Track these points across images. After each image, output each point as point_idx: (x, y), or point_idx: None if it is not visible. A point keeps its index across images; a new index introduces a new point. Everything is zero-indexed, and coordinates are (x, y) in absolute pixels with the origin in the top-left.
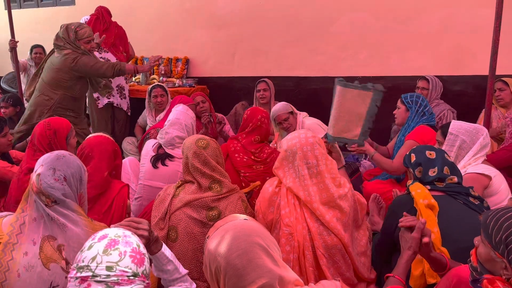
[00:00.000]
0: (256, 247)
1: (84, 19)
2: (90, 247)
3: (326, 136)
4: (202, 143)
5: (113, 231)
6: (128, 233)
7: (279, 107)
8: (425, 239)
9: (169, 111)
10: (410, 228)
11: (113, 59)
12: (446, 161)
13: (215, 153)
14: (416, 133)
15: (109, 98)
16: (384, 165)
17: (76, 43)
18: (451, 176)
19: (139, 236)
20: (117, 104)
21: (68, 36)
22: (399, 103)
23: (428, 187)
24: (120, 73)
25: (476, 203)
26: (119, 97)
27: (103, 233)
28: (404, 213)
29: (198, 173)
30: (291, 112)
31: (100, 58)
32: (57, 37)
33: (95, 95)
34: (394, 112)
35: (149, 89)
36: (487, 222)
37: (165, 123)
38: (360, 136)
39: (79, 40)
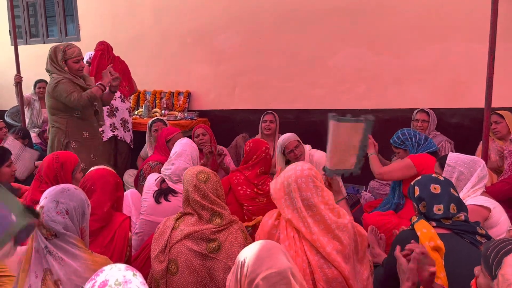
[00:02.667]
0: (278, 249)
1: (89, 54)
2: None
3: (324, 169)
4: (203, 176)
5: (113, 276)
6: (129, 276)
7: (289, 135)
8: (432, 269)
9: (160, 144)
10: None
11: (117, 93)
12: (452, 197)
13: (215, 187)
14: (417, 156)
15: (113, 132)
16: (374, 166)
17: (61, 64)
18: (458, 215)
19: None
20: (120, 137)
21: (56, 57)
22: (395, 149)
23: (434, 223)
24: (93, 100)
25: (483, 242)
26: (123, 130)
27: (103, 278)
28: (398, 247)
29: (198, 206)
30: (299, 142)
31: None
32: (47, 61)
33: (100, 128)
34: (397, 157)
35: (149, 123)
36: (487, 253)
37: (171, 155)
38: (356, 165)
39: (68, 60)
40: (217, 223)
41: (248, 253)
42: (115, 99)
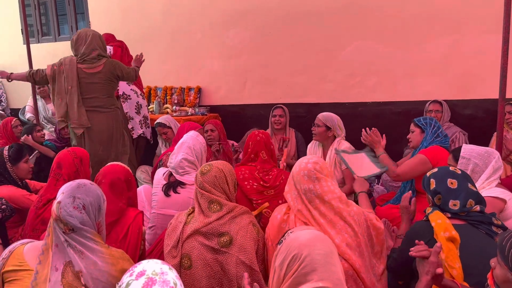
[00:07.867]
0: (335, 254)
1: (108, 49)
2: (128, 284)
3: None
4: (205, 169)
5: (151, 267)
6: (165, 269)
7: (328, 114)
8: (439, 270)
9: (177, 138)
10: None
11: (138, 91)
12: (470, 192)
13: (213, 180)
14: (429, 150)
15: (141, 128)
16: (388, 167)
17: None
18: (474, 207)
19: None
20: (143, 133)
21: (103, 43)
22: (412, 127)
23: (449, 214)
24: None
25: (499, 232)
26: (145, 126)
27: (141, 268)
28: (416, 241)
29: (199, 195)
30: (329, 128)
31: (130, 89)
32: (99, 45)
33: (130, 125)
34: (408, 137)
35: (155, 125)
36: (503, 243)
37: (175, 147)
38: (378, 165)
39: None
40: (216, 209)
41: (306, 250)
42: (139, 97)
